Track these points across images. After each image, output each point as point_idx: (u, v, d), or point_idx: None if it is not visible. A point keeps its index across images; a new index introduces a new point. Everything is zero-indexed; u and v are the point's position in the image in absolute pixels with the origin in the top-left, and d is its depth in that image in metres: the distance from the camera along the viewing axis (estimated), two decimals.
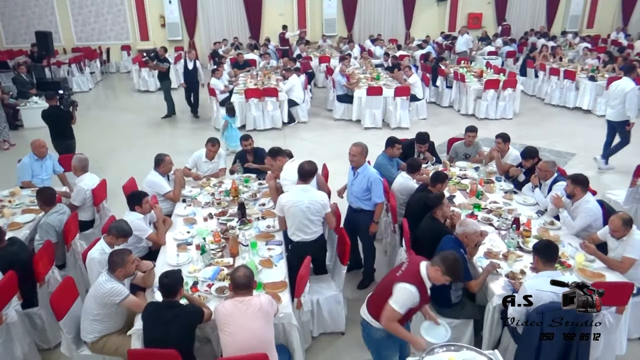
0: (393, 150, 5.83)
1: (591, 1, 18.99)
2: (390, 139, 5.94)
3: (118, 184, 6.09)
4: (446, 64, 12.81)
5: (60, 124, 7.52)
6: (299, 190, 4.46)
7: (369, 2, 18.12)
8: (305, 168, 4.55)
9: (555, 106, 12.16)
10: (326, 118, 11.59)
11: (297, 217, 4.36)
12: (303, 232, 4.41)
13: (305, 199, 4.37)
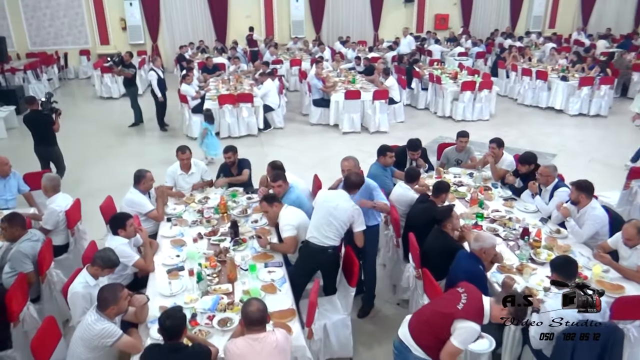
0: (386, 159, 5.59)
1: (552, 2, 19.42)
2: (382, 147, 5.70)
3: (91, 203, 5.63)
4: (420, 66, 12.73)
5: (41, 130, 7.15)
6: (339, 192, 4.35)
7: (336, 4, 17.91)
8: (352, 179, 4.39)
9: (528, 106, 12.26)
10: (302, 123, 11.28)
11: (320, 213, 4.22)
12: (318, 232, 4.19)
13: (338, 202, 4.21)
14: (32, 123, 7.16)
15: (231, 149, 5.91)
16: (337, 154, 9.24)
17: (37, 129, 7.17)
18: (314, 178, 5.89)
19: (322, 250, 4.18)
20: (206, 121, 8.67)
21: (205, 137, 8.52)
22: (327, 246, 4.17)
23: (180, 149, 5.78)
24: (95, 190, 7.88)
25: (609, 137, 10.06)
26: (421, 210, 4.74)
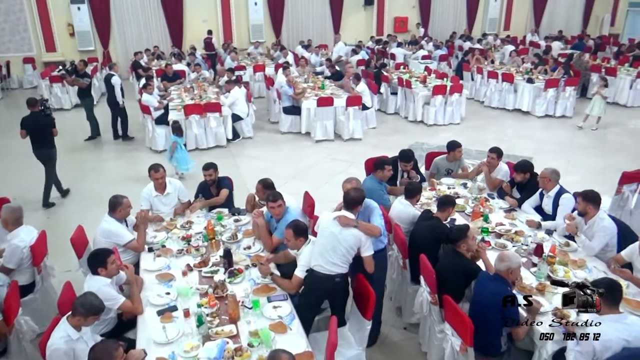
0: (384, 172, 5.28)
1: (507, 5, 19.84)
2: (380, 160, 5.39)
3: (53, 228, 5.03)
4: (388, 70, 12.57)
5: (40, 132, 7.08)
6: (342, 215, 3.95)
7: (296, 7, 17.57)
8: (352, 195, 4.06)
9: (495, 108, 12.34)
10: (272, 132, 10.84)
11: (324, 238, 3.87)
12: (323, 259, 3.82)
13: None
14: (31, 125, 7.02)
15: (211, 166, 5.45)
16: (313, 164, 8.94)
17: (37, 131, 7.05)
18: (305, 196, 5.48)
19: (329, 278, 3.81)
20: (175, 134, 8.11)
21: (175, 152, 7.96)
22: (334, 274, 3.81)
23: (153, 168, 5.25)
24: (58, 216, 7.23)
25: (578, 138, 10.20)
26: (427, 228, 4.46)
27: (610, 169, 8.55)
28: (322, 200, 7.18)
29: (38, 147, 7.16)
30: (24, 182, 8.14)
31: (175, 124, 8.22)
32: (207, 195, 5.50)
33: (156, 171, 5.17)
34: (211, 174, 5.44)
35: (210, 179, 5.46)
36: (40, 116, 7.17)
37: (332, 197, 7.35)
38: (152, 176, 5.19)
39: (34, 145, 7.16)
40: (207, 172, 5.45)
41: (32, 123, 7.06)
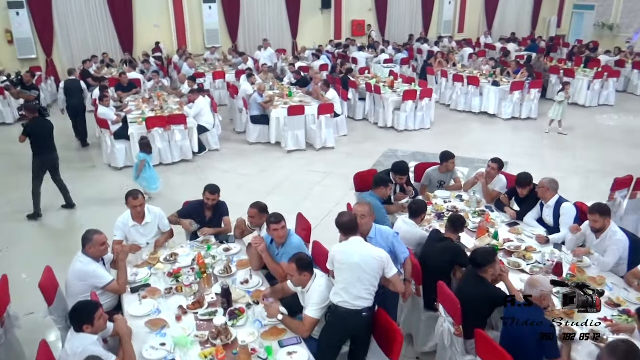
0: (386, 190, 4.97)
1: (460, 8, 20.11)
2: (381, 177, 5.09)
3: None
4: (354, 75, 12.31)
5: (46, 137, 6.89)
6: (351, 242, 3.67)
7: (252, 11, 17.03)
8: (344, 221, 3.76)
9: (461, 112, 12.34)
10: (239, 143, 10.32)
11: (345, 272, 3.53)
12: (348, 294, 3.48)
13: (358, 251, 3.55)
14: (40, 131, 6.79)
15: (218, 189, 4.96)
16: (288, 176, 8.52)
17: (43, 137, 6.83)
18: (298, 219, 5.05)
19: (357, 314, 3.48)
20: (142, 151, 7.48)
21: (143, 170, 7.33)
22: (361, 309, 3.47)
23: (131, 195, 4.68)
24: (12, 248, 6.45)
25: (547, 140, 10.29)
26: (441, 250, 4.16)
27: (582, 169, 8.65)
28: None
29: (46, 153, 6.91)
30: None
31: (143, 140, 7.59)
32: (201, 219, 4.98)
33: (135, 198, 4.61)
34: (215, 199, 4.95)
35: (212, 203, 4.94)
36: (44, 121, 7.01)
37: (314, 214, 6.99)
38: (130, 204, 4.62)
39: (42, 151, 6.86)
40: (213, 196, 4.92)
41: (39, 129, 6.79)
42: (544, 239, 4.69)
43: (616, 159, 9.10)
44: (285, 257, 4.04)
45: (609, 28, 19.49)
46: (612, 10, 19.55)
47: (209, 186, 4.94)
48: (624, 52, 15.28)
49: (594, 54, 15.19)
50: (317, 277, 3.63)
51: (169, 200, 7.57)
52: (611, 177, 8.16)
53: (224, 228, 4.96)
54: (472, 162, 8.97)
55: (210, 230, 4.83)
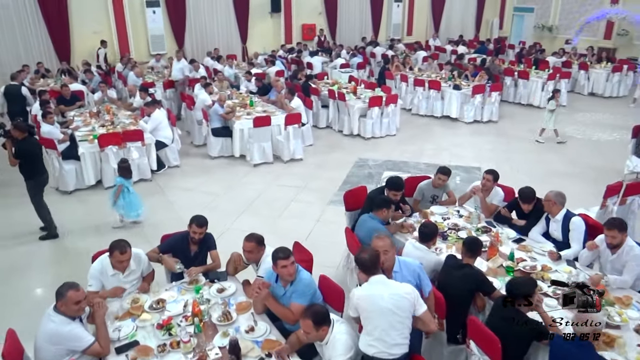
0: (388, 212, 4.60)
1: (408, 11, 20.23)
2: (382, 198, 4.70)
3: None
4: (316, 82, 11.92)
5: (39, 157, 6.48)
6: (373, 283, 3.27)
7: (199, 16, 16.24)
8: (366, 258, 3.36)
9: (423, 116, 12.25)
10: (200, 157, 9.64)
11: (376, 320, 3.14)
12: (382, 343, 3.12)
13: (385, 292, 3.17)
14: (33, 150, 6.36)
15: (206, 221, 4.39)
16: (259, 193, 7.98)
17: (37, 157, 6.41)
18: (295, 248, 4.56)
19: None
20: (121, 176, 6.73)
21: (121, 196, 6.64)
22: (397, 357, 3.09)
23: (118, 248, 3.91)
24: None
25: (512, 143, 10.33)
26: (461, 278, 3.84)
27: (553, 172, 8.68)
28: (284, 239, 6.33)
29: (42, 172, 6.48)
30: None
31: (123, 164, 6.82)
32: (185, 254, 4.39)
33: (123, 252, 3.90)
34: (203, 232, 4.38)
35: (199, 237, 4.36)
36: (34, 140, 6.66)
37: (295, 235, 6.46)
38: (115, 258, 3.92)
39: (38, 171, 6.40)
40: (200, 229, 4.35)
41: (32, 148, 6.34)
42: (556, 255, 4.48)
43: (582, 161, 9.24)
44: (296, 297, 3.60)
45: (549, 29, 20.24)
46: (550, 13, 20.33)
47: (196, 218, 4.36)
48: (568, 53, 15.83)
49: (542, 55, 15.62)
50: (334, 324, 3.21)
51: (130, 225, 6.88)
52: (582, 180, 8.34)
53: (212, 264, 4.41)
54: None
55: (199, 269, 4.26)
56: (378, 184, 8.20)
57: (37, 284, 5.64)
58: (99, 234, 6.64)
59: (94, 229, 6.81)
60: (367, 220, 4.62)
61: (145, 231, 6.71)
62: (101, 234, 6.64)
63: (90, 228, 6.85)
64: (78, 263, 5.89)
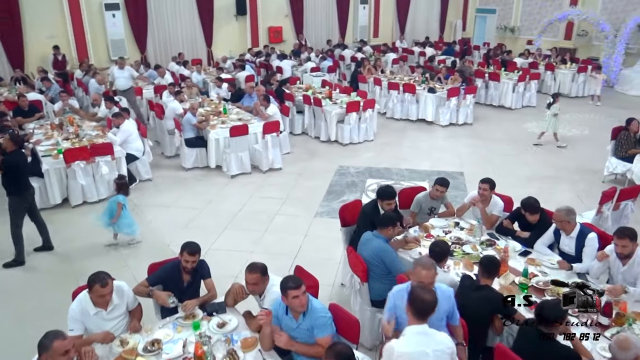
0: (394, 230, 4.35)
1: (374, 13, 20.17)
2: (388, 215, 4.43)
3: None
4: (289, 87, 11.59)
5: (26, 171, 6.21)
6: (414, 334, 2.96)
7: (161, 19, 15.61)
8: (429, 300, 3.03)
9: (398, 120, 12.12)
10: (173, 169, 9.15)
11: None
12: None
13: (429, 348, 2.90)
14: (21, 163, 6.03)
15: (197, 249, 3.97)
16: (241, 206, 7.61)
17: (24, 171, 6.07)
18: (297, 272, 4.23)
19: None
20: (121, 193, 6.29)
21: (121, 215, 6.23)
22: None
23: (98, 281, 3.46)
24: None
25: (491, 145, 10.31)
26: (481, 301, 3.64)
27: (535, 175, 8.68)
28: (274, 257, 6.02)
29: (29, 186, 6.13)
30: None
31: (121, 180, 6.36)
32: (177, 284, 3.98)
33: (103, 285, 3.45)
34: (196, 260, 3.97)
35: (192, 266, 3.96)
36: (23, 154, 6.36)
37: (283, 250, 6.24)
38: (95, 292, 3.47)
39: (24, 186, 6.03)
40: (193, 257, 3.93)
41: (20, 162, 5.97)
42: (567, 266, 4.34)
43: (559, 162, 9.28)
44: (319, 331, 3.35)
45: (511, 30, 20.59)
46: (512, 14, 20.68)
47: (187, 245, 3.97)
48: (533, 54, 16.09)
49: (509, 57, 15.82)
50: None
51: (107, 250, 6.39)
52: (564, 182, 8.37)
53: (208, 295, 4.04)
54: (428, 175, 8.66)
55: (195, 302, 3.87)
56: (362, 192, 8.01)
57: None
58: (67, 260, 6.12)
59: (64, 255, 6.26)
60: (372, 239, 4.35)
61: (123, 255, 6.22)
62: (70, 259, 6.14)
63: (59, 253, 6.30)
64: (45, 293, 5.43)
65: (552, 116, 9.88)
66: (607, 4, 17.47)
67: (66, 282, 5.54)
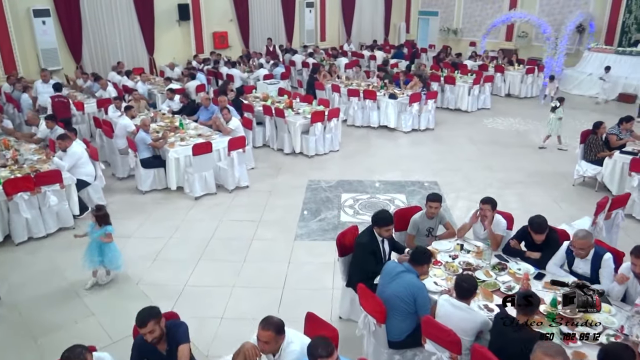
0: (429, 267, 3.99)
1: (320, 17, 19.85)
2: (423, 251, 4.06)
3: None
4: (247, 97, 10.98)
5: None
6: None
7: (97, 25, 14.42)
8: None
9: (359, 127, 11.82)
10: (128, 192, 8.32)
11: None
12: None
13: None
14: None
15: (151, 315, 3.28)
16: (212, 232, 7.00)
17: None
18: (308, 321, 3.73)
19: None
20: (106, 224, 5.50)
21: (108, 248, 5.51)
22: None
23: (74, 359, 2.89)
24: None
25: (456, 152, 10.22)
26: (523, 342, 3.28)
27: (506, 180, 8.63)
28: (258, 291, 5.49)
29: None
30: None
31: (100, 211, 5.51)
32: (156, 357, 3.37)
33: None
34: (154, 329, 3.27)
35: (155, 336, 3.30)
36: None
37: (264, 281, 5.72)
38: None
39: None
40: (147, 328, 3.23)
41: None
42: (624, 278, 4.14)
43: (526, 166, 9.31)
44: None
45: (454, 32, 20.97)
46: (454, 16, 21.07)
47: (136, 317, 3.28)
48: (480, 56, 16.38)
49: (459, 59, 15.98)
50: None
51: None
52: (537, 186, 8.35)
53: None
54: (402, 186, 8.40)
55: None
56: (339, 209, 7.60)
57: None
58: (16, 312, 5.25)
59: (11, 306, 5.35)
60: (404, 273, 3.87)
61: (86, 301, 5.43)
62: (21, 310, 5.27)
63: (6, 304, 5.40)
64: None
65: (557, 120, 9.93)
66: (544, 7, 18.17)
67: (20, 341, 4.75)
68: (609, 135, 8.07)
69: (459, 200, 7.87)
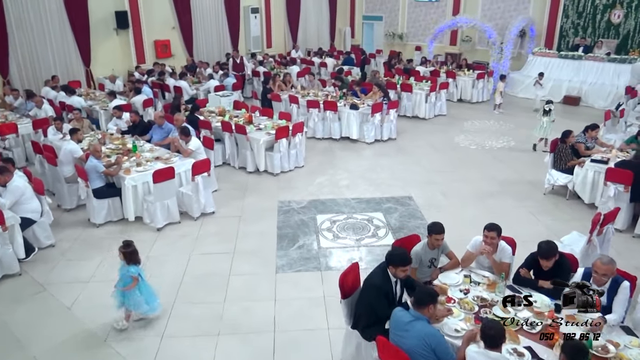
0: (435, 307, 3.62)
1: (265, 24, 19.30)
2: (429, 293, 3.75)
3: None
4: (202, 112, 10.28)
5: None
6: None
7: (25, 35, 13.08)
8: None
9: (320, 139, 11.44)
10: (80, 226, 7.45)
11: None
12: None
13: None
14: None
15: None
16: (181, 269, 6.45)
17: None
18: None
19: None
20: (133, 263, 4.86)
21: (137, 290, 4.90)
22: None
23: None
24: None
25: (422, 162, 10.05)
26: None
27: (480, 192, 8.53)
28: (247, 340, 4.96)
29: None
30: None
31: (128, 248, 4.80)
32: None
33: None
34: None
35: None
36: None
37: (252, 326, 5.26)
38: None
39: None
40: None
41: None
42: (603, 322, 3.94)
43: (494, 175, 9.28)
44: None
45: (399, 37, 21.06)
46: (398, 21, 21.17)
47: None
48: (430, 62, 16.46)
49: (411, 65, 15.97)
50: None
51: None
52: (508, 196, 8.30)
53: None
54: (378, 203, 8.10)
55: None
56: (317, 233, 7.15)
57: None
58: None
59: None
60: (413, 322, 3.52)
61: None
62: None
63: None
64: None
65: (550, 122, 10.08)
66: (486, 12, 18.58)
67: None
68: (577, 144, 8.14)
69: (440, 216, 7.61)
